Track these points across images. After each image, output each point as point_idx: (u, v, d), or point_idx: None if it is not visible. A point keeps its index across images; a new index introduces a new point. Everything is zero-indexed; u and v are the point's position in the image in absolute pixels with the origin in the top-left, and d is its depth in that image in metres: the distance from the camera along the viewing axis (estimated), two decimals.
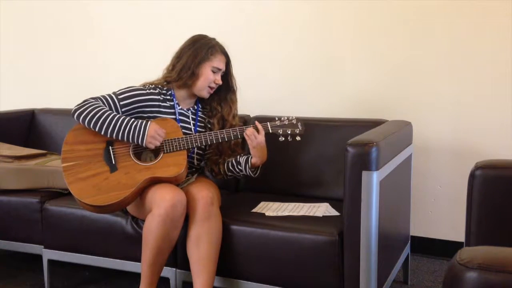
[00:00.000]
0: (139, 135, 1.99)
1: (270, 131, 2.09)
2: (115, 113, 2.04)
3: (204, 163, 2.27)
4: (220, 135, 2.07)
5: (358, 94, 2.76)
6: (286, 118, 2.11)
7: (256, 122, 2.08)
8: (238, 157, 2.16)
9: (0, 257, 2.87)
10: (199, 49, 2.13)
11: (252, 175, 2.13)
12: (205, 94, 2.18)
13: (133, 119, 2.03)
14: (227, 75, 2.21)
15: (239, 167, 2.14)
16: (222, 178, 2.23)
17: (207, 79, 2.13)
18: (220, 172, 2.21)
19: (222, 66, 2.17)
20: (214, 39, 2.20)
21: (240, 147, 2.24)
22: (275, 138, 2.09)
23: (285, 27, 2.87)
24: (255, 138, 2.03)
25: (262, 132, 2.05)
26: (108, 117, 2.01)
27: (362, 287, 1.77)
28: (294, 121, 2.10)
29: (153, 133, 2.00)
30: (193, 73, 2.12)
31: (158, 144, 2.01)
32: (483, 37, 2.52)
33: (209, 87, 2.16)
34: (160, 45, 3.11)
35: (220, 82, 2.18)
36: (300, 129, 2.10)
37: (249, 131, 2.04)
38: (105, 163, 2.04)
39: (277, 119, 2.11)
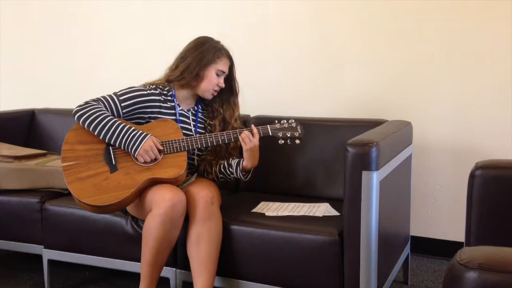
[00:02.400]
0: (134, 144, 1.99)
1: (270, 134, 2.09)
2: (115, 118, 2.04)
3: (198, 162, 2.27)
4: (220, 137, 2.07)
5: (358, 94, 2.76)
6: (286, 121, 2.11)
7: (253, 126, 2.08)
8: (230, 159, 2.17)
9: (0, 257, 2.88)
10: (206, 52, 2.14)
11: (243, 178, 2.14)
12: (209, 96, 2.19)
13: (133, 128, 2.03)
14: (230, 78, 2.23)
15: (230, 169, 2.16)
16: (213, 179, 2.23)
17: (211, 82, 2.15)
18: (212, 173, 2.21)
19: (226, 69, 2.18)
20: (219, 42, 2.20)
21: (237, 150, 2.24)
22: (274, 141, 2.09)
23: (285, 28, 2.87)
24: (250, 141, 2.04)
25: (257, 136, 2.06)
26: (108, 123, 2.01)
27: (362, 287, 1.77)
28: (294, 124, 2.10)
29: (148, 147, 2.00)
30: (198, 74, 2.13)
31: (148, 160, 2.01)
32: (483, 37, 2.52)
33: (213, 89, 2.17)
34: (160, 45, 3.12)
35: (223, 85, 2.19)
36: (300, 132, 2.10)
37: (244, 134, 2.04)
38: (105, 163, 2.04)
39: (277, 122, 2.11)
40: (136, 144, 2.00)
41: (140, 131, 2.03)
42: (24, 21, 3.54)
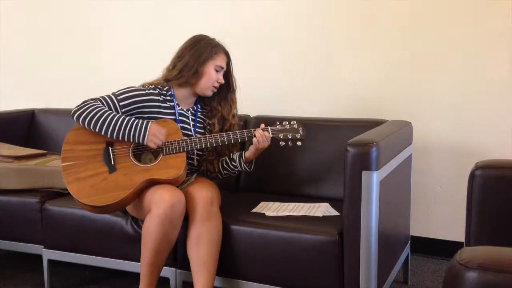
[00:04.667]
0: (141, 133, 1.99)
1: (271, 135, 2.08)
2: (115, 112, 2.04)
3: (199, 162, 2.27)
4: (220, 138, 2.07)
5: (358, 94, 2.76)
6: (287, 122, 2.10)
7: (259, 131, 2.07)
8: (231, 154, 2.18)
9: (0, 257, 2.87)
10: (203, 48, 2.14)
11: (248, 169, 2.15)
12: (209, 92, 2.19)
13: (133, 118, 2.03)
14: (227, 75, 2.22)
15: (233, 163, 2.16)
16: (216, 176, 2.23)
17: (211, 78, 2.14)
18: (215, 171, 2.21)
19: (224, 65, 2.19)
20: (214, 39, 2.21)
21: (237, 147, 2.24)
22: (275, 142, 2.09)
23: (284, 27, 2.87)
24: (264, 142, 2.05)
25: (269, 138, 2.07)
26: (108, 117, 2.01)
27: (362, 287, 1.77)
28: (295, 126, 2.10)
29: (155, 131, 2.00)
30: (197, 71, 2.12)
31: (159, 143, 2.01)
32: (483, 36, 2.52)
33: (213, 86, 2.17)
34: (160, 46, 3.11)
35: (223, 81, 2.19)
36: (301, 133, 2.09)
37: (258, 133, 2.04)
38: (104, 164, 2.04)
39: (278, 123, 2.10)
40: (143, 132, 1.99)
41: (141, 120, 2.02)
42: (24, 22, 3.53)
